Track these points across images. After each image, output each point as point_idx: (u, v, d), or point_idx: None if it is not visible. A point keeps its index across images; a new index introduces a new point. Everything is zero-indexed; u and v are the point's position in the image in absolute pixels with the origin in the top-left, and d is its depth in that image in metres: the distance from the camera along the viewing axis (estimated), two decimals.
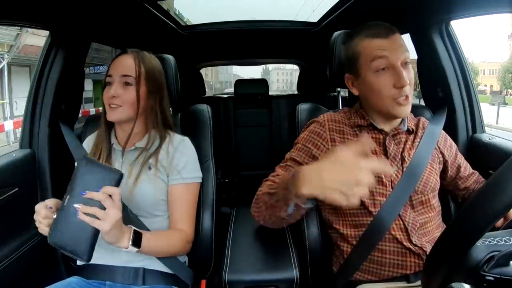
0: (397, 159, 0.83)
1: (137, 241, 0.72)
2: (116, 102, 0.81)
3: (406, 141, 0.86)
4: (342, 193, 0.52)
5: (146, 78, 0.83)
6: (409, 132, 0.87)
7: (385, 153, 0.83)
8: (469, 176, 0.93)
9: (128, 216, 0.81)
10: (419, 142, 0.86)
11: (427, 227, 0.80)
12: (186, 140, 0.89)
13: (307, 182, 0.56)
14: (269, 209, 0.74)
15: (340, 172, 0.53)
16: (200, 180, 0.89)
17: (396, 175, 0.81)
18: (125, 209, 0.80)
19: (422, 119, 0.92)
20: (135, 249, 0.71)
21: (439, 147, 0.88)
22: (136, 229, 0.74)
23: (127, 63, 0.82)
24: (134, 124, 0.83)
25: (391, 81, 0.77)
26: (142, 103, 0.83)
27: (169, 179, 0.85)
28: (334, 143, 0.83)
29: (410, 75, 0.78)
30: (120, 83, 0.81)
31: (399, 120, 0.85)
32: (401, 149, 0.84)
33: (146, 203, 0.82)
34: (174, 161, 0.85)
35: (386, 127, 0.85)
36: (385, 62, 0.77)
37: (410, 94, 0.79)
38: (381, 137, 0.84)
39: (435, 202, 0.84)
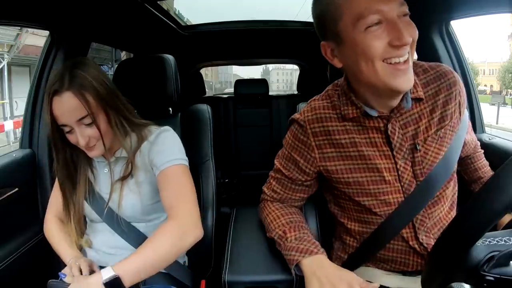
0: (404, 149, 0.67)
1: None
2: (91, 143, 0.74)
3: (419, 117, 0.67)
4: None
5: (98, 102, 0.72)
6: (418, 101, 0.67)
7: (389, 144, 0.68)
8: (481, 155, 0.85)
9: (122, 229, 0.80)
10: (440, 114, 0.67)
11: (436, 216, 0.72)
12: (164, 131, 0.82)
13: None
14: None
15: None
16: (184, 163, 0.79)
17: (403, 167, 0.68)
18: (117, 221, 0.80)
19: (442, 71, 0.70)
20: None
21: None
22: (110, 277, 0.62)
23: (72, 105, 0.70)
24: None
25: (386, 38, 0.58)
26: (108, 128, 0.75)
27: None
28: (321, 150, 0.72)
29: (411, 31, 0.59)
30: (81, 127, 0.72)
31: (400, 96, 0.65)
32: (412, 133, 0.67)
33: (136, 213, 0.81)
34: (151, 155, 0.78)
35: (385, 108, 0.66)
36: (378, 15, 0.57)
37: (411, 59, 0.60)
38: (382, 124, 0.68)
39: (451, 189, 0.72)
